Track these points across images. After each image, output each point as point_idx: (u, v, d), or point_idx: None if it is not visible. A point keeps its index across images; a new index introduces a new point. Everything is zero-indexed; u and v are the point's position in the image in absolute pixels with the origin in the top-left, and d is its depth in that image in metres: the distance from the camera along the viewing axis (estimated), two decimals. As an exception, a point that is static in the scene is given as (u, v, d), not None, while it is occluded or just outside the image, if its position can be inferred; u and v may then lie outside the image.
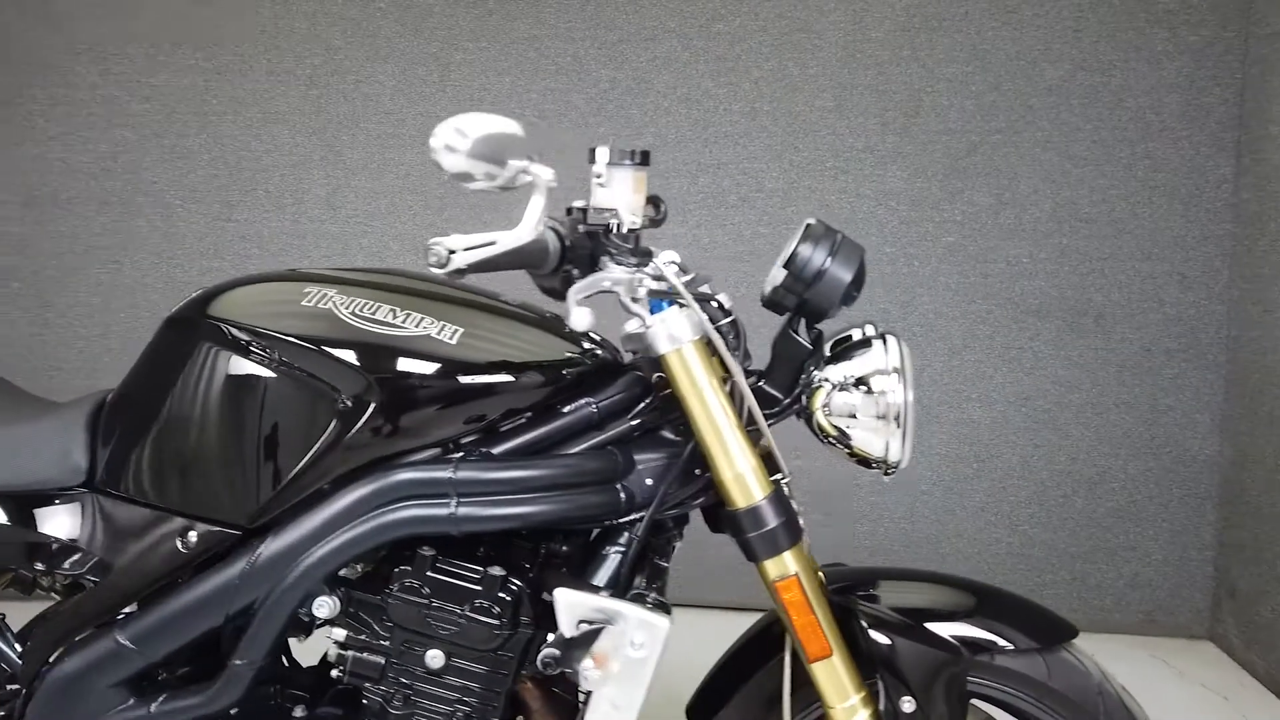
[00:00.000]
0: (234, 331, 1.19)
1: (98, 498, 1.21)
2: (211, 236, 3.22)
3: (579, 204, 1.25)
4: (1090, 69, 2.94)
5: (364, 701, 1.17)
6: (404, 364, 1.17)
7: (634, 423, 1.22)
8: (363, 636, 1.17)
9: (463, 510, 1.12)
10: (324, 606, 1.16)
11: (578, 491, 1.16)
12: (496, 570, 1.16)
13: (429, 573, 1.15)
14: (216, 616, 1.16)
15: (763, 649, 1.28)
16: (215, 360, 1.18)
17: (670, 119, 3.09)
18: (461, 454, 1.17)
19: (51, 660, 1.18)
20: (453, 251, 1.11)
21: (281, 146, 3.18)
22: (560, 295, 1.22)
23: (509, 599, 1.15)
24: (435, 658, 1.15)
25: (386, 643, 1.16)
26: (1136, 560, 3.06)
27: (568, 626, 1.09)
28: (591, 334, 1.31)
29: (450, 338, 1.20)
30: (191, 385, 1.18)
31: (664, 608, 1.13)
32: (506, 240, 1.13)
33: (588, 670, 1.06)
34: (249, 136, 3.18)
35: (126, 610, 1.18)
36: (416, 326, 1.20)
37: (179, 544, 1.17)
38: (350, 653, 1.17)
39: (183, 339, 1.21)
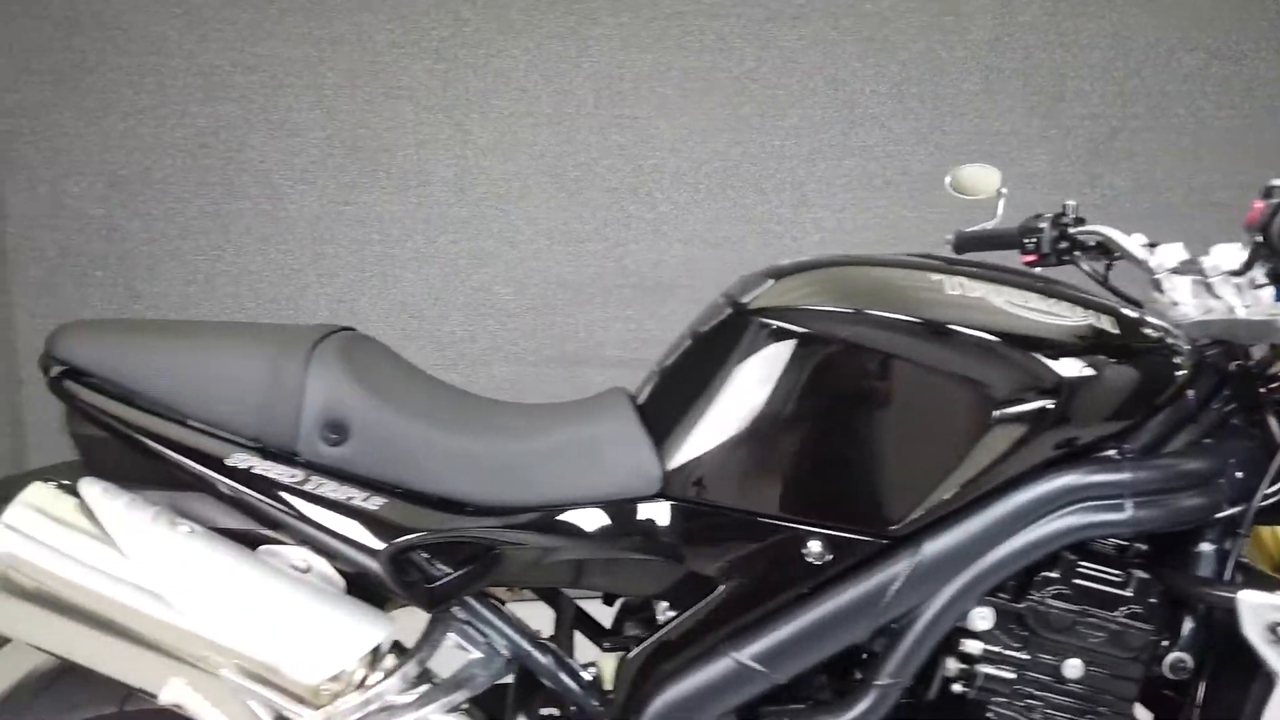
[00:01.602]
0: (867, 323, 1.07)
1: (679, 507, 1.08)
2: (326, 220, 2.99)
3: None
4: (1224, 58, 3.03)
5: (988, 717, 1.10)
6: (1089, 356, 1.09)
7: (1220, 414, 1.18)
8: (997, 648, 1.09)
9: (1142, 512, 1.06)
10: (985, 619, 1.08)
11: (1213, 486, 1.11)
12: (1142, 574, 1.10)
13: (1074, 579, 1.09)
14: (862, 631, 1.06)
15: None
16: (837, 355, 1.07)
17: (816, 100, 3.04)
18: (1114, 451, 1.10)
19: (653, 688, 1.06)
20: None
21: (405, 124, 2.98)
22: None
23: (1156, 603, 1.10)
24: (1074, 667, 1.09)
25: (1021, 654, 1.09)
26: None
27: (1254, 630, 1.05)
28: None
29: (1112, 327, 1.13)
30: (808, 385, 1.06)
31: None
32: None
33: None
34: (368, 113, 2.97)
35: (737, 628, 1.07)
36: (1078, 317, 1.11)
37: (805, 556, 1.06)
38: (982, 667, 1.09)
39: (773, 332, 1.08)
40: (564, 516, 1.07)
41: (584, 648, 1.24)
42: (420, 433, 1.06)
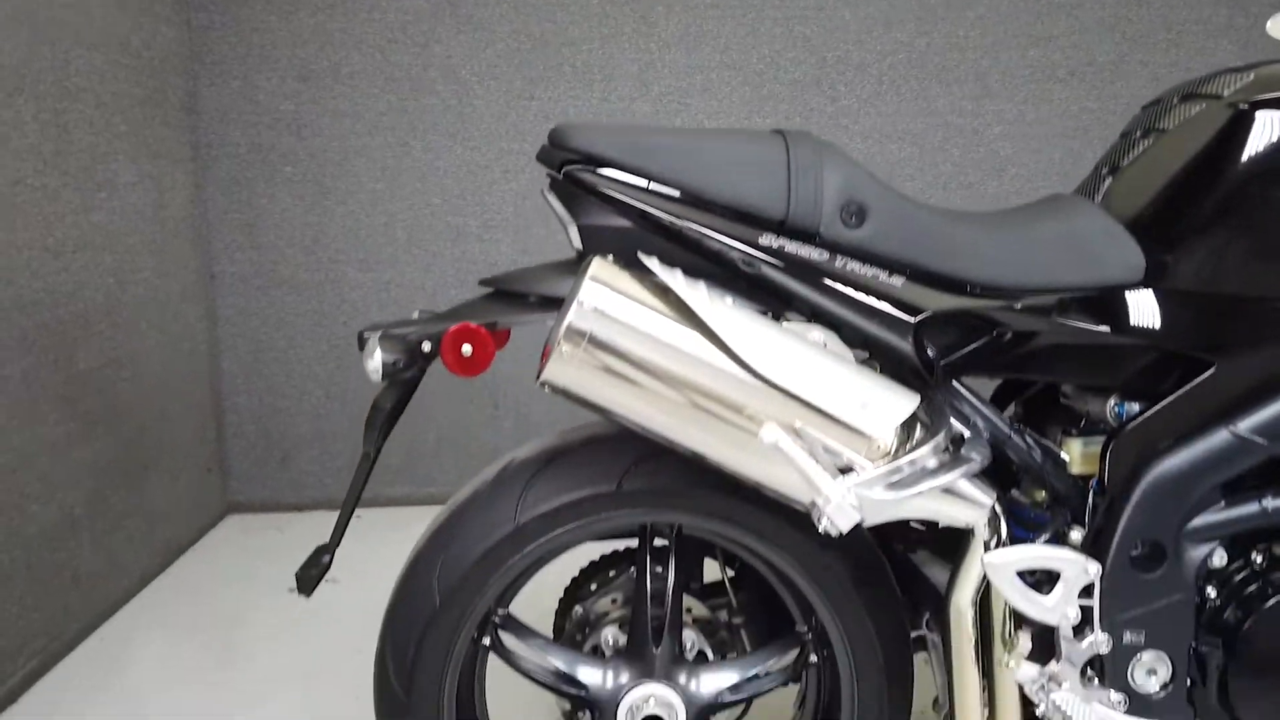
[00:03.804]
0: None
1: (1168, 293, 1.11)
2: (511, 116, 3.01)
3: None
4: None
5: None
6: None
7: None
8: None
9: None
10: None
11: None
12: None
13: None
14: None
15: None
16: None
17: (1002, -10, 3.02)
18: None
19: (1144, 463, 1.10)
20: None
21: (591, 17, 2.98)
22: None
23: None
24: None
25: None
26: None
27: None
28: None
29: None
30: None
31: None
32: None
33: None
34: (554, 7, 2.96)
35: (1231, 404, 1.10)
36: None
37: None
38: None
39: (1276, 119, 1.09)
40: (1060, 301, 1.10)
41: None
42: (928, 216, 1.09)
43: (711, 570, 1.39)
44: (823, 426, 1.01)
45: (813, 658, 1.27)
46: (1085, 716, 1.09)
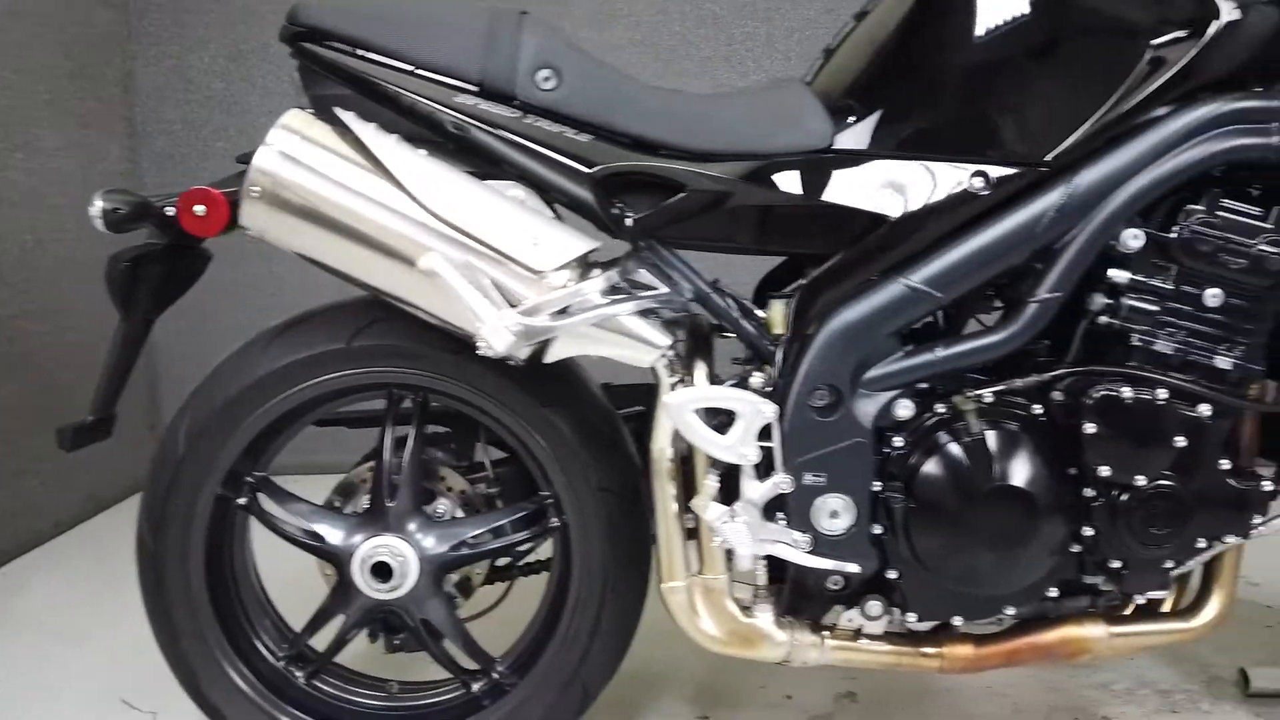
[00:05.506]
0: None
1: (840, 157, 1.18)
2: (432, 91, 3.13)
3: None
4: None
5: (1133, 344, 1.17)
6: None
7: None
8: (1142, 277, 1.17)
9: None
10: (1136, 238, 1.15)
11: None
12: None
13: (1218, 210, 1.15)
14: (1023, 253, 1.15)
15: None
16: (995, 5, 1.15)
17: None
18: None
19: (826, 312, 1.16)
20: None
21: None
22: None
23: None
24: (1214, 296, 1.16)
25: (1165, 284, 1.17)
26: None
27: None
28: None
29: None
30: (964, 29, 1.15)
31: None
32: None
33: None
34: (472, -14, 3.10)
35: (904, 257, 1.16)
36: None
37: (971, 188, 1.15)
38: (1127, 300, 1.15)
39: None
40: (747, 164, 1.18)
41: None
42: (624, 81, 1.18)
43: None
44: (494, 262, 1.10)
45: (554, 521, 1.34)
46: (743, 543, 1.15)
